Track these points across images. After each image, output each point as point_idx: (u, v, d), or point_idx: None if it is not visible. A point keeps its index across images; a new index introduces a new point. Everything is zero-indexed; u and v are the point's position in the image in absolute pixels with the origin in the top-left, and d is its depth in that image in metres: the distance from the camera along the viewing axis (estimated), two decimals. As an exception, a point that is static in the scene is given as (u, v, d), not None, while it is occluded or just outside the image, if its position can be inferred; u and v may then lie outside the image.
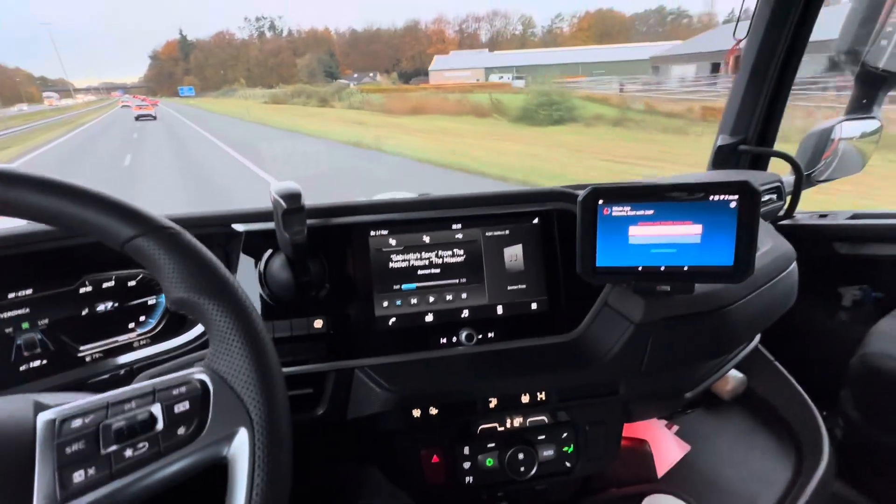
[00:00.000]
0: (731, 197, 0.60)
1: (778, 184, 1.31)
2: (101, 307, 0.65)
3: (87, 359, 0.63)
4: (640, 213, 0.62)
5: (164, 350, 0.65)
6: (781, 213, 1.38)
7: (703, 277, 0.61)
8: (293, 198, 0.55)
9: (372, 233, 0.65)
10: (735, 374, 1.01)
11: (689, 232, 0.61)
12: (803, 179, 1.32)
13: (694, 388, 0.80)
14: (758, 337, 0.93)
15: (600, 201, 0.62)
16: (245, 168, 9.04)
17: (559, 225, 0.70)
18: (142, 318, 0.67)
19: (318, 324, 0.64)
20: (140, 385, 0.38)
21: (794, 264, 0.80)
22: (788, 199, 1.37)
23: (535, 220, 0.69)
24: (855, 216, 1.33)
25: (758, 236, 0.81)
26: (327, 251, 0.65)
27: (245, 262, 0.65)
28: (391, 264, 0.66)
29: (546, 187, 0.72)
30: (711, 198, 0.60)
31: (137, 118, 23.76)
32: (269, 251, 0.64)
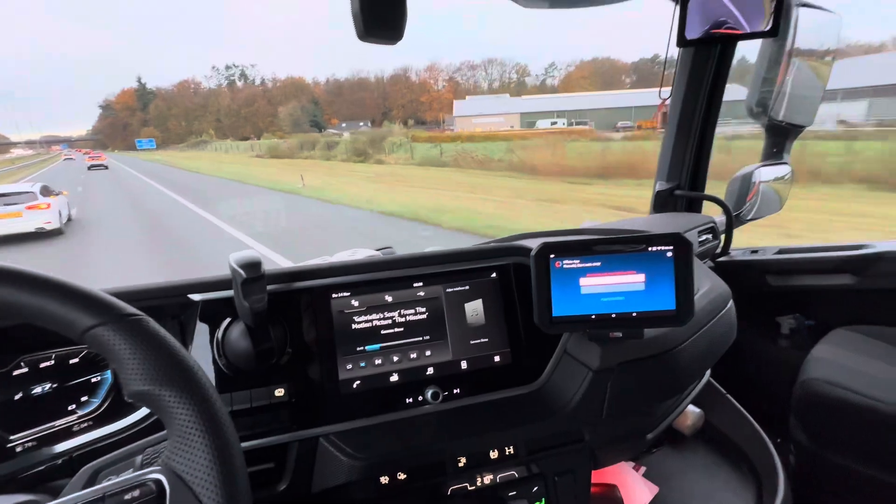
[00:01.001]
0: (667, 247, 0.66)
1: (712, 224, 1.43)
2: (37, 389, 0.60)
3: (19, 449, 0.57)
4: (589, 264, 0.66)
5: (109, 433, 0.60)
6: (718, 250, 1.50)
7: (650, 322, 0.66)
8: (253, 267, 0.55)
9: (334, 295, 0.65)
10: (693, 410, 1.06)
11: (634, 280, 0.66)
12: (733, 219, 1.46)
13: (655, 428, 0.82)
14: (709, 372, 0.98)
15: (552, 255, 0.66)
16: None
17: (516, 278, 0.73)
18: (83, 399, 0.62)
19: (280, 392, 0.62)
20: (88, 491, 0.35)
21: (731, 303, 0.87)
22: (723, 237, 1.50)
23: (494, 275, 0.72)
24: (781, 251, 1.47)
25: (694, 281, 0.88)
26: (289, 316, 0.64)
27: (201, 331, 0.63)
28: (354, 326, 0.66)
29: (502, 243, 0.75)
30: (650, 249, 0.66)
31: (90, 168, 27.65)
32: (228, 320, 0.63)
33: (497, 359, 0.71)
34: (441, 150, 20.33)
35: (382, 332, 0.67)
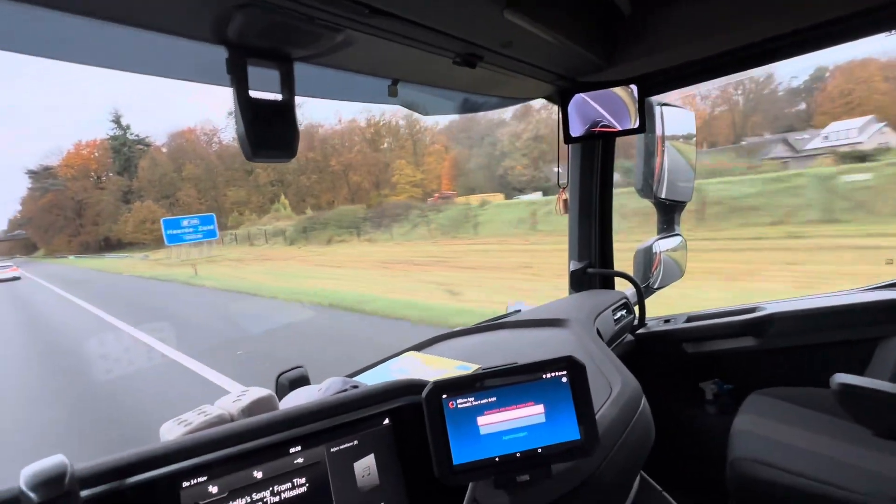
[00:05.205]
0: (561, 373, 0.63)
1: (625, 300, 1.48)
2: None
3: None
4: (485, 401, 0.61)
5: None
6: (636, 323, 1.55)
7: (557, 457, 0.61)
8: (52, 483, 0.43)
9: (185, 484, 0.53)
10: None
11: (533, 412, 0.62)
12: (642, 291, 1.53)
13: None
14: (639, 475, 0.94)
15: (444, 396, 0.61)
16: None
17: (413, 421, 0.66)
18: None
19: None
20: None
21: (644, 400, 0.85)
22: (637, 309, 1.56)
23: (386, 421, 0.65)
24: (689, 318, 1.54)
25: (608, 382, 0.86)
26: None
27: None
28: None
29: (392, 381, 0.69)
30: (545, 376, 0.63)
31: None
32: None
33: None
34: None
35: None
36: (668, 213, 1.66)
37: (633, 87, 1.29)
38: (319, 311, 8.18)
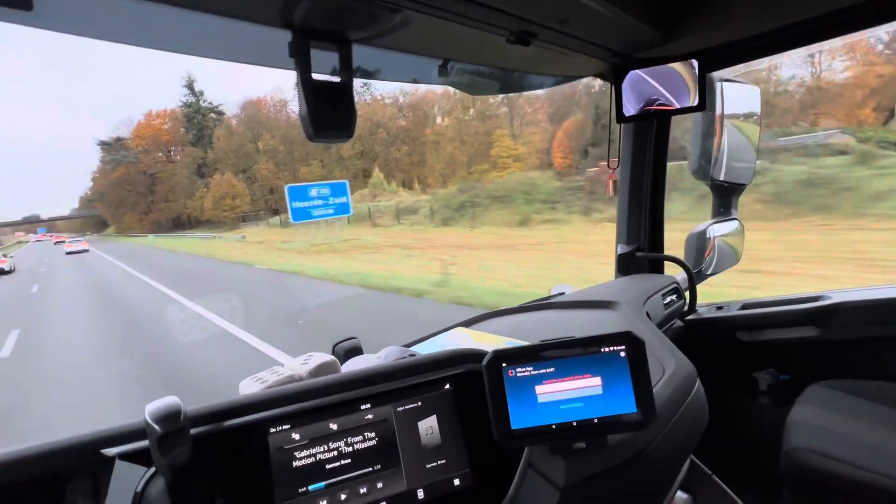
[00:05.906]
0: (619, 347, 0.64)
1: (675, 285, 1.45)
2: None
3: None
4: (543, 371, 0.63)
5: None
6: (685, 309, 1.51)
7: (613, 428, 0.62)
8: (170, 419, 0.50)
9: (272, 430, 0.60)
10: (681, 497, 0.99)
11: (591, 384, 0.63)
12: (694, 277, 1.48)
13: None
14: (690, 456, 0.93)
15: (504, 364, 0.63)
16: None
17: (473, 387, 0.69)
18: None
19: None
20: None
21: (699, 383, 0.84)
22: (687, 295, 1.52)
23: (447, 386, 0.68)
24: (745, 306, 1.48)
25: (660, 362, 0.86)
26: (220, 461, 0.58)
27: (118, 492, 0.55)
28: (295, 463, 0.59)
29: (453, 350, 0.72)
30: (603, 349, 0.64)
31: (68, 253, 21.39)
32: (149, 473, 0.56)
33: (457, 482, 0.65)
34: None
35: (327, 466, 0.60)
36: (726, 197, 1.59)
37: (694, 63, 1.23)
38: None
